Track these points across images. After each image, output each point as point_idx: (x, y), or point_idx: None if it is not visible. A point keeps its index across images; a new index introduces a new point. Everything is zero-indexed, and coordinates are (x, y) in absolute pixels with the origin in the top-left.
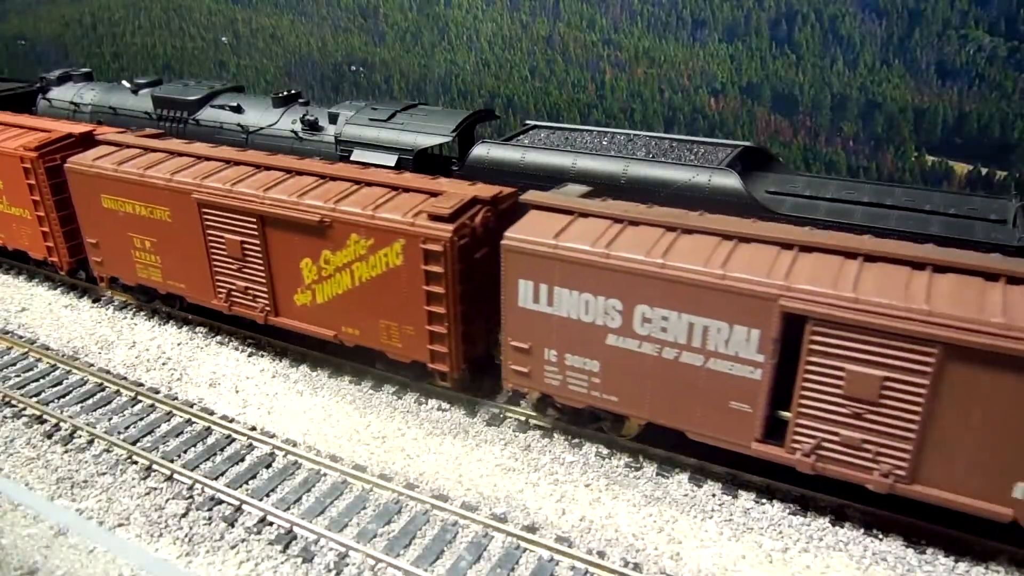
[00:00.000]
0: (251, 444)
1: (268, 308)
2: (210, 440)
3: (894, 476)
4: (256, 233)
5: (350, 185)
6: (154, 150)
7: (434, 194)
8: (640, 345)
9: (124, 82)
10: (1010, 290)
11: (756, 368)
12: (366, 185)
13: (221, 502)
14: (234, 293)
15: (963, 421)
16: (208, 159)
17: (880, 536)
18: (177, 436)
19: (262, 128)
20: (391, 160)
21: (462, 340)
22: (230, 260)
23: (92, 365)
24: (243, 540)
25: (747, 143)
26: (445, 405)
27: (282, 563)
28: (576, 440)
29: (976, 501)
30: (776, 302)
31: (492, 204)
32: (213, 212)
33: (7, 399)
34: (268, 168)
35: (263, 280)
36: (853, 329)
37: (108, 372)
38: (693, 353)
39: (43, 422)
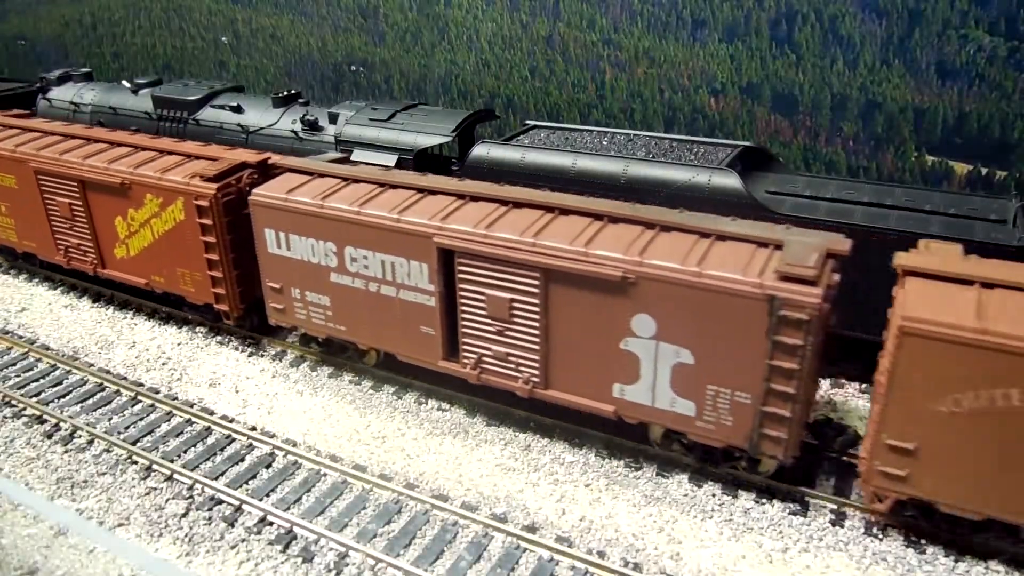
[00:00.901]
0: (251, 444)
1: (96, 261)
2: (210, 440)
3: (532, 383)
4: (79, 196)
5: (155, 154)
6: (4, 126)
7: (215, 160)
8: (352, 281)
9: (124, 82)
10: (629, 230)
11: (431, 296)
12: (168, 154)
13: (221, 502)
14: (70, 249)
15: (568, 334)
16: (47, 133)
17: (880, 536)
18: (177, 436)
19: (262, 128)
20: (391, 160)
21: (237, 283)
22: (63, 220)
23: (92, 365)
24: (243, 540)
25: (747, 143)
26: (445, 405)
27: (282, 563)
28: (576, 440)
29: (589, 401)
30: (432, 239)
31: (259, 168)
32: (47, 178)
33: (7, 399)
34: (93, 140)
35: (89, 237)
36: (486, 259)
37: (108, 372)
38: (388, 286)
39: (43, 422)
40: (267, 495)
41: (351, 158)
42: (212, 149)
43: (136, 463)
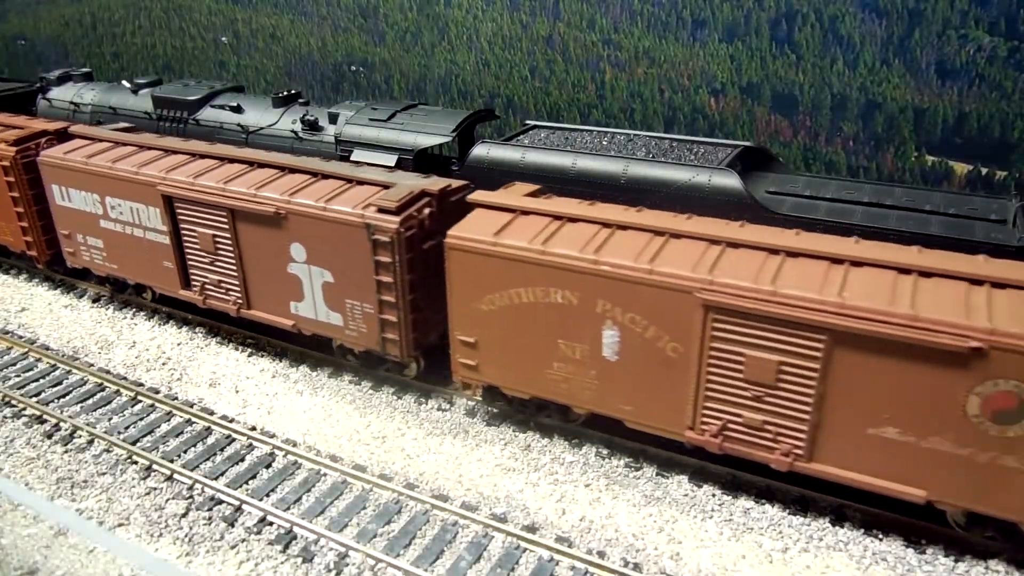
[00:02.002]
0: (251, 444)
1: None
2: (210, 440)
3: (238, 305)
4: None
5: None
6: None
7: (20, 128)
8: (115, 226)
9: (124, 82)
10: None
11: (165, 236)
12: (8, 128)
13: (221, 502)
14: None
15: (255, 260)
16: None
17: (880, 536)
18: (177, 436)
19: (262, 128)
20: (391, 160)
21: (43, 232)
22: None
23: (92, 365)
24: (243, 540)
25: (747, 143)
26: (445, 405)
27: (282, 563)
28: (576, 440)
29: (276, 317)
30: (156, 187)
31: (57, 135)
32: None
33: (7, 399)
34: None
35: None
36: (193, 203)
37: (108, 372)
38: (138, 228)
39: (43, 422)
40: (267, 495)
41: (351, 158)
42: (20, 119)
43: (136, 463)
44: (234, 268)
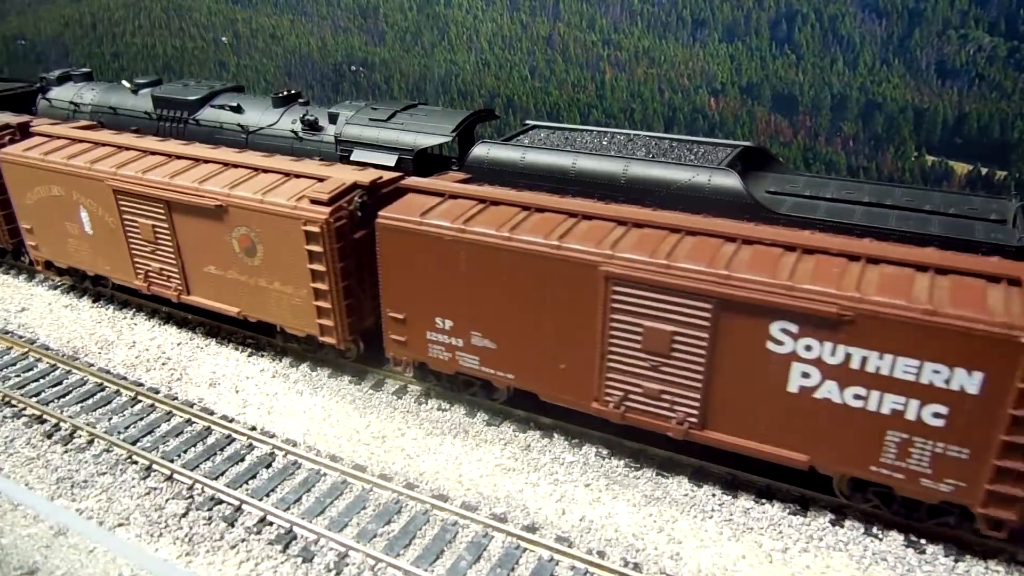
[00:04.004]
0: (251, 444)
1: None
2: (210, 440)
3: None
4: None
5: None
6: None
7: None
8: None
9: (124, 82)
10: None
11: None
12: None
13: (221, 502)
14: None
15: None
16: None
17: (880, 536)
18: (177, 436)
19: (262, 128)
20: (391, 160)
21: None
22: None
23: (92, 365)
24: (243, 540)
25: (747, 143)
26: (445, 405)
27: (282, 563)
28: (576, 440)
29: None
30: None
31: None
32: None
33: (7, 399)
34: None
35: None
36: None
37: (108, 372)
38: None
39: (43, 422)
40: (267, 495)
41: (351, 158)
42: None
43: (136, 463)
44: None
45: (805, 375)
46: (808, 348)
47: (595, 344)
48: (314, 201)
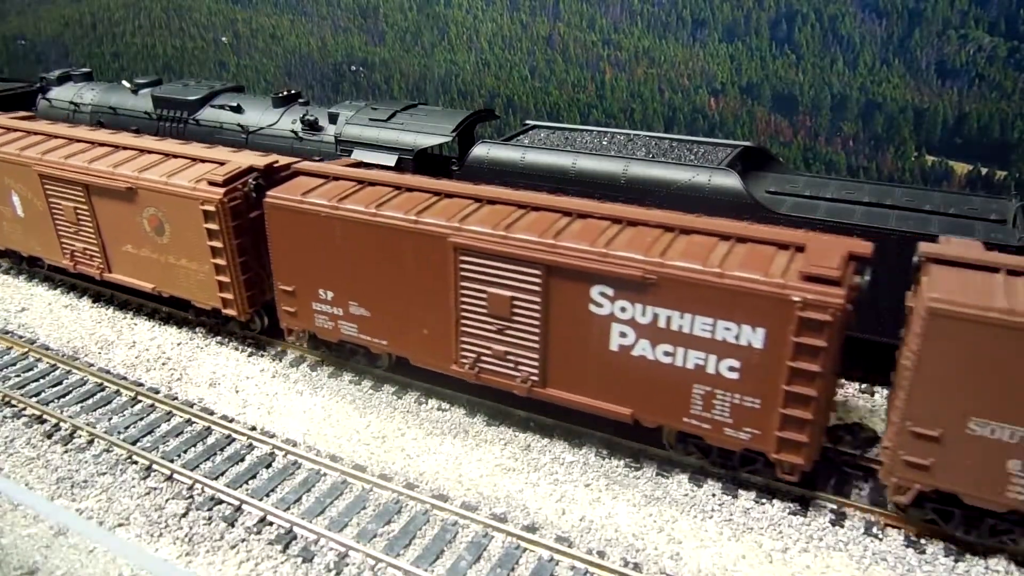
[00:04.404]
0: (251, 444)
1: None
2: (210, 440)
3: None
4: None
5: None
6: None
7: None
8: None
9: (124, 82)
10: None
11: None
12: None
13: (221, 502)
14: None
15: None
16: None
17: (880, 536)
18: (177, 436)
19: (262, 128)
20: (391, 160)
21: None
22: None
23: (92, 365)
24: (243, 540)
25: (747, 143)
26: (445, 405)
27: (282, 563)
28: (576, 440)
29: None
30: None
31: None
32: None
33: (7, 399)
34: None
35: None
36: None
37: (108, 372)
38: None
39: (43, 422)
40: (267, 495)
41: (351, 158)
42: None
43: (136, 463)
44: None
45: (623, 334)
46: (623, 309)
47: (450, 310)
48: (211, 183)
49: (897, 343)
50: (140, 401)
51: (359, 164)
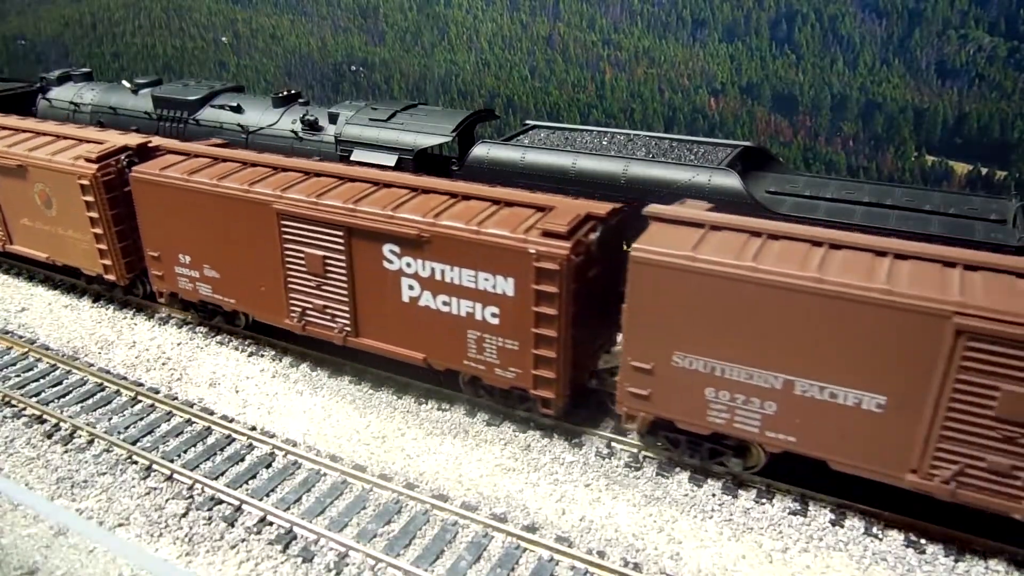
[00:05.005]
0: (251, 444)
1: None
2: (210, 440)
3: None
4: None
5: None
6: None
7: None
8: None
9: (124, 82)
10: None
11: None
12: None
13: (221, 502)
14: None
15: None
16: None
17: (880, 536)
18: (177, 436)
19: (262, 128)
20: (391, 160)
21: None
22: None
23: (92, 365)
24: (243, 540)
25: (747, 143)
26: (445, 405)
27: (282, 563)
28: (576, 440)
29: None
30: None
31: None
32: None
33: (7, 399)
34: None
35: None
36: None
37: (108, 372)
38: None
39: (43, 422)
40: (267, 495)
41: (351, 158)
42: None
43: (136, 463)
44: None
45: (411, 287)
46: (408, 265)
47: (278, 269)
48: (86, 159)
49: None
50: (140, 401)
51: (226, 144)
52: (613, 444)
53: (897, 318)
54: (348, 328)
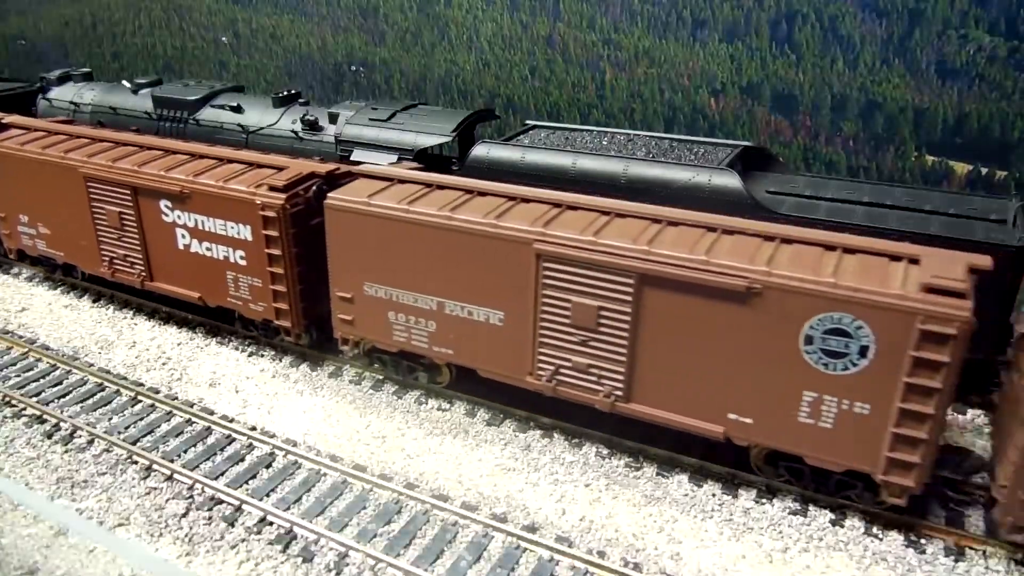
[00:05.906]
0: (251, 444)
1: None
2: (210, 440)
3: None
4: None
5: None
6: None
7: None
8: None
9: (124, 82)
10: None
11: None
12: None
13: (221, 502)
14: None
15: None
16: None
17: (880, 536)
18: (177, 436)
19: (262, 128)
20: (391, 160)
21: None
22: None
23: (92, 365)
24: (243, 540)
25: (747, 143)
26: (445, 405)
27: (282, 563)
28: (576, 440)
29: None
30: None
31: None
32: None
33: (7, 399)
34: None
35: None
36: None
37: (108, 372)
38: None
39: (43, 422)
40: (267, 495)
41: (351, 158)
42: None
43: (136, 463)
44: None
45: (183, 236)
46: (179, 217)
47: (89, 224)
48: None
49: None
50: (140, 401)
51: (98, 125)
52: (344, 368)
53: (501, 247)
54: (144, 274)
